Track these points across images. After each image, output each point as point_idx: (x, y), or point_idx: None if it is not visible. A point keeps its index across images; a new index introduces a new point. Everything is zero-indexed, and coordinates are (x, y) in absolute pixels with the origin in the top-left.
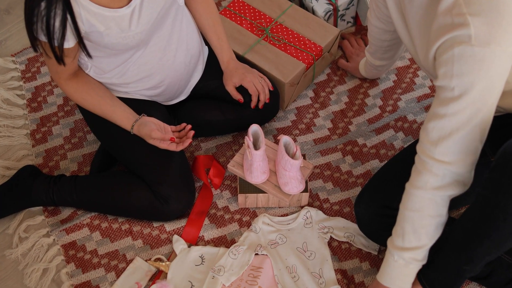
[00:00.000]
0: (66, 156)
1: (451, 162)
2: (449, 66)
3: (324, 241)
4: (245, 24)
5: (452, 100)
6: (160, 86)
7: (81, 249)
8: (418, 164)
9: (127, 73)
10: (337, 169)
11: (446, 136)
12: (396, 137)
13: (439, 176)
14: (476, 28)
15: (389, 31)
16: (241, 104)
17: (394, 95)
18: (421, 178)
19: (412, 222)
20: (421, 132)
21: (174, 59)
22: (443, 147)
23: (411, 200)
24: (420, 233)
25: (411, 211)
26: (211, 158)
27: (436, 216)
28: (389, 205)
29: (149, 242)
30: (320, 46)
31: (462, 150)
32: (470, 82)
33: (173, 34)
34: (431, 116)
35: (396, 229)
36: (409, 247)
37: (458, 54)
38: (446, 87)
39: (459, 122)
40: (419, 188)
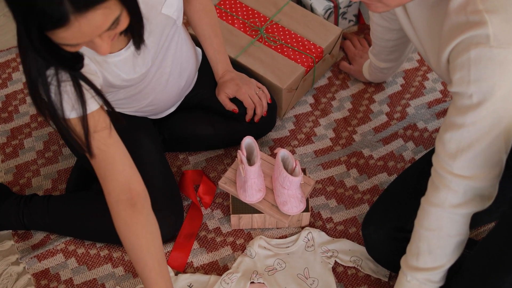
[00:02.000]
0: (39, 172)
1: (472, 177)
2: (465, 71)
3: (328, 266)
4: (237, 23)
5: (470, 108)
6: (147, 109)
7: (54, 278)
8: (435, 178)
9: (112, 96)
10: (341, 184)
11: (466, 148)
12: (406, 147)
13: (459, 192)
14: (494, 27)
15: (394, 29)
16: (235, 116)
17: (402, 101)
18: (438, 195)
19: (428, 242)
20: (436, 142)
21: (166, 83)
22: (462, 161)
23: (427, 218)
24: (436, 254)
25: (428, 230)
26: (201, 173)
27: (455, 236)
28: (402, 227)
29: (132, 270)
30: (320, 47)
31: (484, 163)
32: (490, 88)
33: (167, 57)
34: (448, 126)
35: (410, 247)
36: (423, 268)
37: (475, 57)
38: (463, 94)
39: (479, 133)
40: (436, 206)
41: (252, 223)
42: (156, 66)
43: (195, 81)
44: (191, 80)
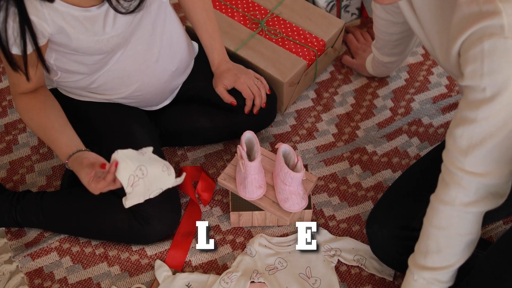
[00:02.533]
0: (33, 168)
1: (484, 174)
2: (478, 63)
3: (331, 265)
4: (237, 16)
5: (483, 102)
6: (137, 95)
7: (48, 277)
8: (446, 175)
9: (99, 78)
10: (344, 181)
11: (478, 144)
12: (411, 143)
13: (471, 190)
14: (509, 16)
15: (398, 23)
16: (233, 109)
17: (407, 96)
18: (448, 192)
19: (437, 241)
20: (447, 138)
21: (155, 65)
22: (474, 157)
23: (437, 216)
24: (445, 253)
25: (437, 228)
26: (199, 169)
27: (466, 235)
28: (408, 225)
29: (128, 269)
30: (322, 41)
31: (497, 159)
32: (505, 81)
33: (154, 36)
34: (459, 121)
35: (419, 245)
36: (431, 267)
37: (489, 49)
38: (476, 88)
39: (492, 128)
40: (446, 204)
41: (252, 221)
42: (141, 43)
43: (191, 71)
44: (183, 66)
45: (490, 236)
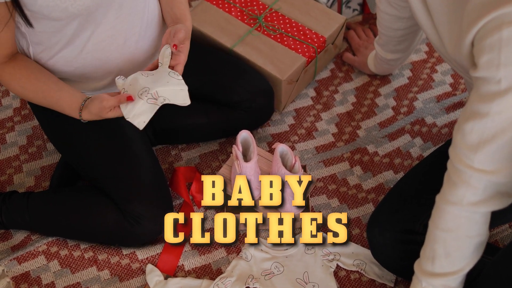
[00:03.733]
0: (21, 168)
1: (494, 172)
2: (495, 53)
3: (330, 270)
4: (235, 12)
5: (497, 95)
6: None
7: (35, 282)
8: (452, 173)
9: (79, 59)
10: (343, 182)
11: (489, 140)
12: (413, 143)
13: (479, 189)
14: None
15: (403, 18)
16: (229, 104)
17: (410, 94)
18: (456, 192)
19: (444, 244)
20: (454, 133)
21: (136, 45)
22: (484, 153)
23: (443, 217)
24: (454, 256)
25: (444, 231)
26: (194, 170)
27: (475, 236)
28: (411, 228)
29: (118, 273)
30: (323, 37)
31: (509, 156)
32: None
33: (135, 15)
34: (469, 115)
35: (425, 250)
36: (440, 273)
37: (508, 37)
38: (490, 79)
39: (505, 122)
40: (453, 204)
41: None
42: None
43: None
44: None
45: (495, 240)
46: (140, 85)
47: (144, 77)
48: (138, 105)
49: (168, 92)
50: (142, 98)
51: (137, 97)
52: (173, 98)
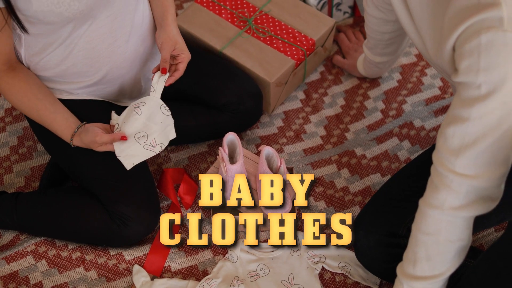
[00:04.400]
0: (11, 169)
1: (476, 176)
2: (474, 58)
3: (315, 272)
4: (225, 14)
5: (477, 100)
6: (108, 79)
7: (23, 281)
8: (435, 177)
9: (69, 57)
10: (331, 185)
11: (470, 145)
12: (401, 146)
13: (461, 193)
14: (509, 8)
15: (390, 21)
16: (218, 107)
17: (399, 97)
18: (437, 196)
19: (425, 247)
20: (438, 138)
21: (126, 45)
22: (466, 158)
23: (425, 221)
24: (435, 260)
25: (425, 234)
26: (182, 172)
27: (456, 241)
28: (395, 232)
29: (105, 274)
30: (312, 39)
31: (490, 161)
32: (502, 78)
33: (125, 14)
34: (451, 119)
35: (407, 253)
36: (421, 276)
37: (487, 43)
38: (470, 84)
39: (486, 127)
40: (435, 208)
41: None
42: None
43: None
44: (155, 51)
45: (481, 244)
46: (136, 128)
47: (138, 116)
48: (133, 147)
49: (162, 136)
50: (139, 142)
51: (133, 139)
52: (165, 139)
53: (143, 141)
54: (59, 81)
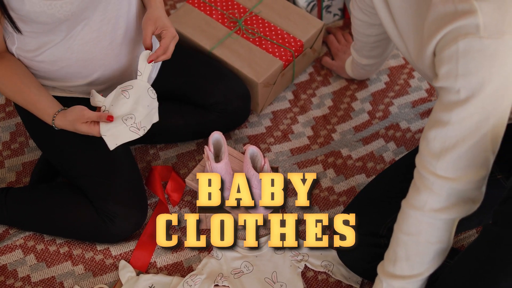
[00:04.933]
0: (3, 164)
1: (456, 179)
2: (453, 64)
3: (297, 271)
4: (215, 14)
5: (457, 104)
6: (102, 80)
7: (11, 275)
8: (417, 179)
9: (63, 58)
10: (316, 185)
11: (450, 148)
12: (387, 148)
13: (442, 195)
14: (485, 16)
15: (375, 24)
16: (206, 107)
17: (386, 99)
18: (419, 197)
19: (406, 248)
20: (420, 141)
21: (120, 47)
22: (446, 161)
23: (406, 221)
24: (414, 260)
25: (406, 234)
26: (170, 169)
27: (436, 243)
28: (376, 232)
29: (92, 268)
30: (300, 41)
31: (470, 163)
32: (479, 83)
33: (119, 17)
34: (433, 123)
35: (388, 252)
36: (400, 275)
37: (464, 49)
38: (450, 89)
39: (465, 131)
40: (416, 209)
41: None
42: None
43: (162, 68)
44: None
45: (462, 245)
46: (125, 110)
47: (126, 99)
48: (119, 128)
49: (147, 119)
50: (126, 123)
51: (121, 120)
52: (149, 123)
53: (130, 122)
54: (52, 78)
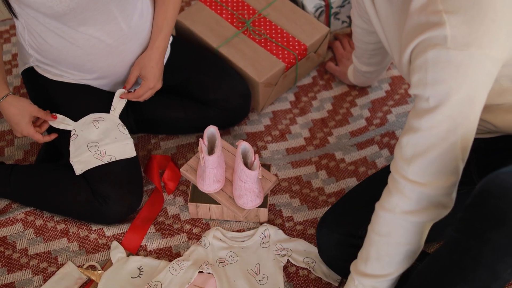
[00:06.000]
0: (13, 143)
1: (426, 184)
2: (423, 73)
3: (280, 265)
4: (226, 14)
5: (427, 112)
6: (104, 76)
7: (10, 246)
8: (390, 183)
9: (70, 51)
10: (307, 185)
11: (421, 154)
12: (380, 154)
13: (412, 199)
14: (453, 28)
15: (373, 32)
16: (207, 103)
17: (385, 107)
18: (391, 200)
19: (377, 248)
20: (395, 146)
21: (124, 47)
22: (417, 166)
23: (378, 222)
24: (384, 261)
25: (378, 235)
26: (168, 159)
27: (405, 244)
28: (354, 233)
29: (86, 246)
30: (304, 45)
31: (439, 170)
32: (446, 92)
33: (123, 19)
34: (406, 129)
35: (361, 252)
36: (371, 274)
37: (433, 59)
38: (421, 97)
39: (435, 138)
40: (387, 211)
41: (210, 214)
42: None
43: (168, 64)
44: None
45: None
46: (90, 138)
47: (95, 129)
48: (85, 155)
49: (115, 150)
50: (90, 150)
51: (86, 147)
52: (120, 154)
53: (94, 150)
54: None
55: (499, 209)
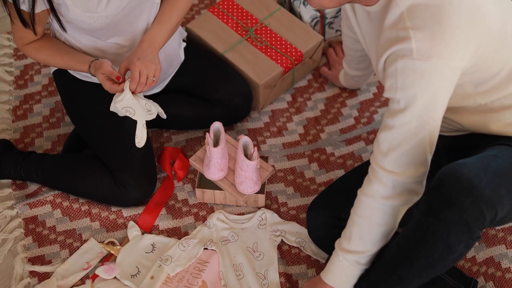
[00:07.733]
0: (42, 134)
1: (400, 173)
2: (393, 79)
3: (274, 243)
4: (231, 23)
5: (399, 112)
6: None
7: (41, 224)
8: (370, 173)
9: (97, 46)
10: (300, 175)
11: (395, 148)
12: (366, 149)
13: (388, 186)
14: (417, 42)
15: (359, 41)
16: (213, 102)
17: (372, 108)
18: (371, 187)
19: (359, 228)
20: (374, 142)
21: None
22: (392, 158)
23: (360, 207)
24: (365, 239)
25: (360, 217)
26: (178, 151)
27: (383, 225)
28: (338, 216)
29: (106, 225)
30: (300, 51)
31: (411, 161)
32: (413, 96)
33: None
34: (383, 127)
35: (345, 231)
36: (354, 251)
37: (401, 68)
38: (393, 99)
39: (406, 134)
40: (369, 196)
41: (214, 198)
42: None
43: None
44: (171, 59)
45: None
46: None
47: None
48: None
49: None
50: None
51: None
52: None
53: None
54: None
55: (451, 193)
